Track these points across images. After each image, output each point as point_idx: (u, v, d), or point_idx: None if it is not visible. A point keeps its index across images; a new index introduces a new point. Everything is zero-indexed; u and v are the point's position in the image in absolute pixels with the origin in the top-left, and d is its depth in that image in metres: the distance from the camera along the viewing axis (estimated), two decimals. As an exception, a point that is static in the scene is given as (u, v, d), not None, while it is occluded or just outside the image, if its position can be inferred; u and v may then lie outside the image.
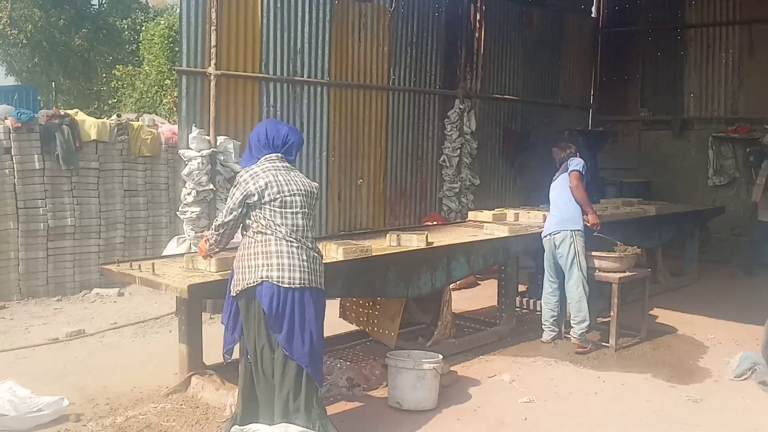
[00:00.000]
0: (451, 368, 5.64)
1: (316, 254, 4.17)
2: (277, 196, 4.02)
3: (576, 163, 6.55)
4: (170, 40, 19.44)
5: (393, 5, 9.42)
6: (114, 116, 9.48)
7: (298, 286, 4.00)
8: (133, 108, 18.55)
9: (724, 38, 11.87)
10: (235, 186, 4.09)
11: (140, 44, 21.14)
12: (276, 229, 4.03)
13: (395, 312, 6.02)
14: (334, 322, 6.60)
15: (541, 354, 6.33)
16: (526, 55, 11.59)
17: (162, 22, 20.88)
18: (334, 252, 5.27)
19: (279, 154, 4.17)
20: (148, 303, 8.09)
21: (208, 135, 7.64)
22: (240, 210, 4.06)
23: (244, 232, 4.15)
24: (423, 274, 5.83)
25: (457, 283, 7.73)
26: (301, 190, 4.12)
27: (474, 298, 8.49)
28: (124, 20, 23.38)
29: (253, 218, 4.07)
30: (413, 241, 5.93)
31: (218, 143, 7.69)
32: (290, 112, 8.45)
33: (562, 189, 6.60)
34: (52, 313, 7.75)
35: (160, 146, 9.22)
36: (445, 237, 6.68)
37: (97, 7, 23.23)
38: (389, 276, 5.58)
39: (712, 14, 11.95)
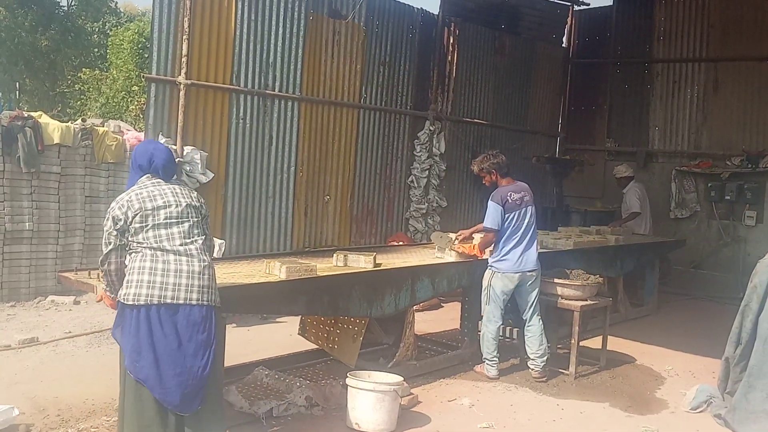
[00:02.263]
0: (412, 391, 5.60)
1: (193, 267, 3.82)
2: (138, 211, 3.83)
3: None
4: (140, 45, 19.27)
5: (356, 16, 9.43)
6: (79, 120, 9.32)
7: (143, 303, 3.70)
8: (98, 113, 18.29)
9: (689, 75, 12.14)
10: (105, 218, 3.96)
11: (109, 48, 20.90)
12: (136, 246, 3.84)
13: (357, 332, 5.97)
14: (294, 339, 6.55)
15: (501, 379, 6.33)
16: (497, 80, 11.72)
17: (132, 27, 20.70)
18: (277, 270, 5.13)
19: (148, 175, 4.01)
20: (104, 312, 7.89)
21: (175, 144, 7.53)
22: (115, 238, 3.87)
23: None
24: (387, 294, 5.80)
25: (421, 304, 7.70)
26: (169, 201, 3.89)
27: (437, 320, 8.47)
28: (94, 24, 23.11)
29: (127, 241, 3.89)
30: (360, 262, 5.80)
31: (185, 153, 7.59)
32: (260, 126, 8.39)
33: (533, 222, 6.39)
34: (5, 319, 7.53)
35: (124, 153, 9.08)
36: (408, 258, 6.67)
37: (65, 8, 22.92)
38: (353, 295, 5.53)
39: (680, 51, 12.23)
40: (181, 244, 3.84)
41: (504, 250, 6.31)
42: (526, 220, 6.35)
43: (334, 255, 5.94)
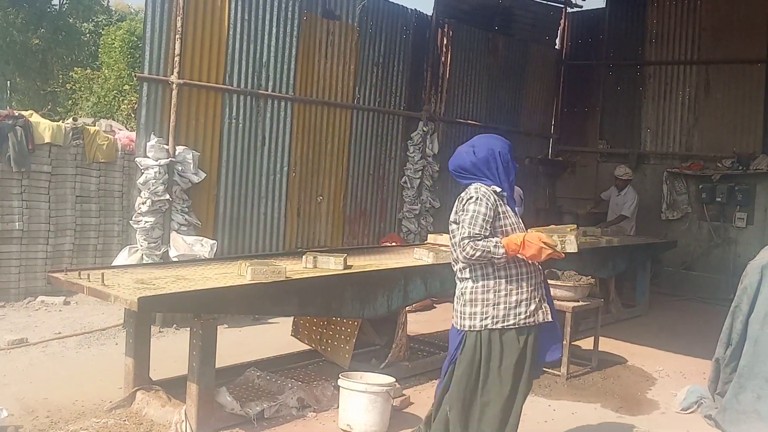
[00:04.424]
0: (404, 392, 5.60)
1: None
2: None
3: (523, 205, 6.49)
4: (131, 45, 19.24)
5: (349, 17, 9.43)
6: (70, 120, 9.28)
7: None
8: (90, 112, 18.23)
9: (681, 77, 12.18)
10: None
11: (100, 48, 20.85)
12: None
13: (350, 332, 5.96)
14: (286, 340, 6.54)
15: (494, 380, 6.32)
16: (490, 81, 11.72)
17: (124, 26, 20.65)
18: (243, 271, 5.05)
19: None
20: (94, 313, 7.88)
21: (167, 144, 7.50)
22: None
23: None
24: (379, 295, 5.79)
25: (413, 305, 7.69)
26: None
27: (429, 321, 8.47)
28: (85, 23, 23.00)
29: None
30: (330, 264, 5.67)
31: (177, 153, 7.56)
32: (253, 126, 8.36)
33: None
34: (-7, 319, 7.49)
35: (116, 152, 9.07)
36: (401, 259, 6.66)
37: (57, 7, 22.80)
38: (346, 296, 5.52)
39: (671, 53, 12.27)
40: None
41: None
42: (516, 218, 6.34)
43: (304, 257, 5.82)
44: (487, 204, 3.80)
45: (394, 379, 5.19)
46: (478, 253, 3.75)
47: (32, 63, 21.42)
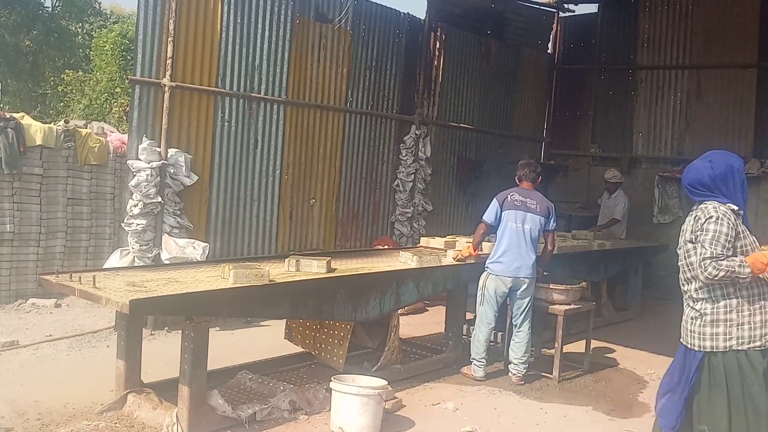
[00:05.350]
0: (396, 394, 5.60)
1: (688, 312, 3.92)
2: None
3: (555, 221, 6.58)
4: (122, 47, 19.21)
5: (344, 21, 9.44)
6: (62, 122, 9.26)
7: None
8: (81, 114, 18.18)
9: (673, 81, 12.24)
10: None
11: (92, 50, 20.82)
12: None
13: (343, 335, 5.96)
14: (279, 343, 6.53)
15: (486, 383, 6.33)
16: (483, 85, 11.75)
17: (115, 29, 20.62)
18: (226, 274, 5.02)
19: None
20: (86, 315, 7.85)
21: (159, 147, 7.49)
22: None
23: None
24: (372, 298, 5.79)
25: (406, 308, 7.70)
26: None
27: (421, 324, 8.47)
28: (78, 25, 22.95)
29: None
30: (312, 267, 5.64)
31: (169, 155, 7.54)
32: (245, 129, 8.35)
33: (535, 231, 6.38)
34: (-17, 322, 7.45)
35: (107, 155, 9.05)
36: (393, 262, 6.66)
37: (49, 9, 22.74)
38: (338, 299, 5.52)
39: (663, 58, 12.33)
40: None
41: (499, 252, 6.39)
42: (526, 226, 6.37)
43: (286, 260, 5.81)
44: (728, 224, 3.71)
45: (386, 382, 5.20)
46: (721, 273, 3.66)
47: (23, 65, 21.36)
